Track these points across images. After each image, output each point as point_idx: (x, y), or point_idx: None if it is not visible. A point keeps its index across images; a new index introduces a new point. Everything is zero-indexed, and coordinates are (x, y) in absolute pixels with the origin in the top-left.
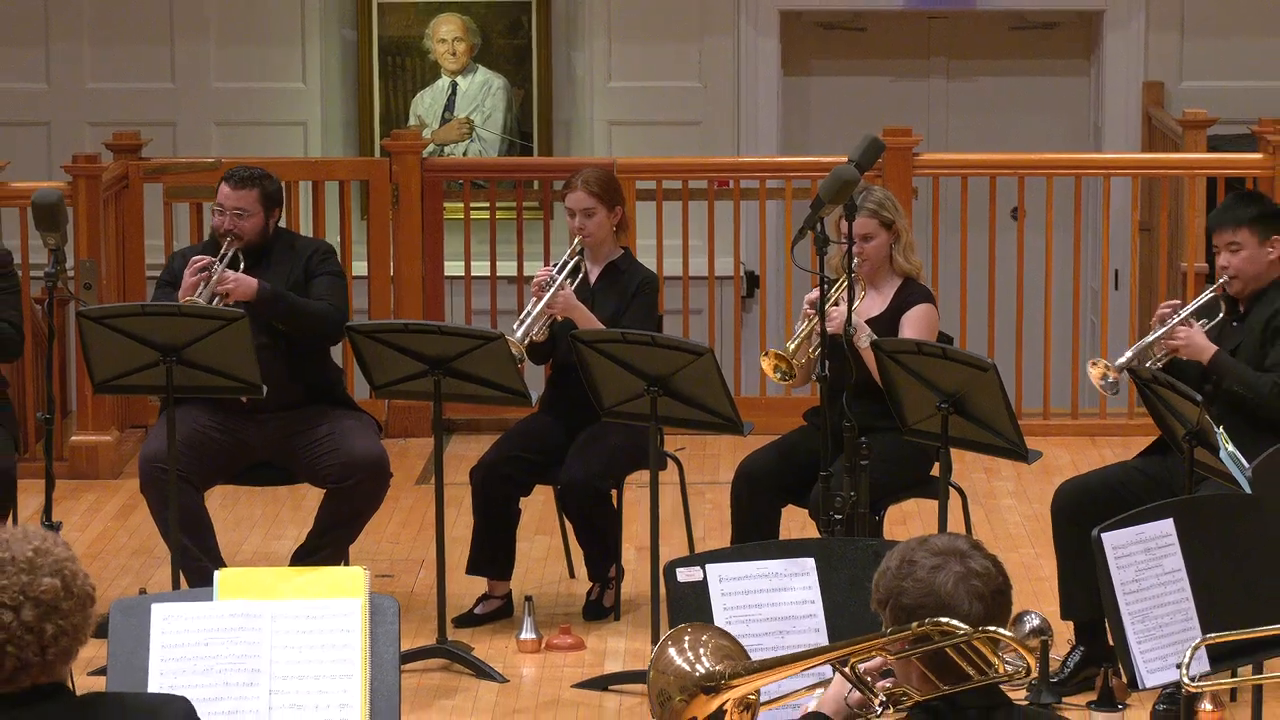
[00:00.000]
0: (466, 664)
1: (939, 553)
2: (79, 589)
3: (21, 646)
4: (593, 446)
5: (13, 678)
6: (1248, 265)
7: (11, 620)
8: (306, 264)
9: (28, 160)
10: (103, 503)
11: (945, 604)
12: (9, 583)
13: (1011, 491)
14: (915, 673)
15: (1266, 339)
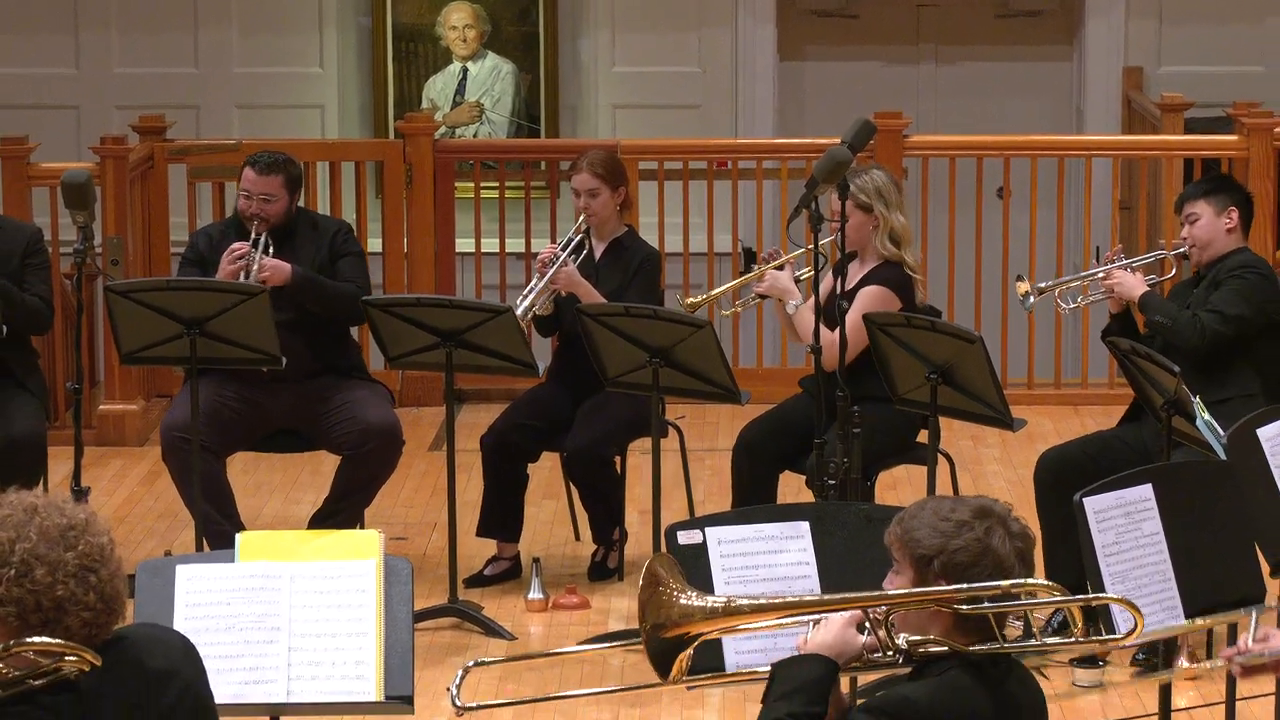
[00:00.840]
0: (476, 623)
1: (981, 515)
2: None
3: (108, 600)
4: (597, 415)
5: (99, 631)
6: (1204, 233)
7: (95, 580)
8: (331, 243)
9: (57, 142)
10: (129, 469)
11: (1000, 564)
12: (85, 546)
13: (997, 458)
14: (940, 626)
15: (1208, 291)
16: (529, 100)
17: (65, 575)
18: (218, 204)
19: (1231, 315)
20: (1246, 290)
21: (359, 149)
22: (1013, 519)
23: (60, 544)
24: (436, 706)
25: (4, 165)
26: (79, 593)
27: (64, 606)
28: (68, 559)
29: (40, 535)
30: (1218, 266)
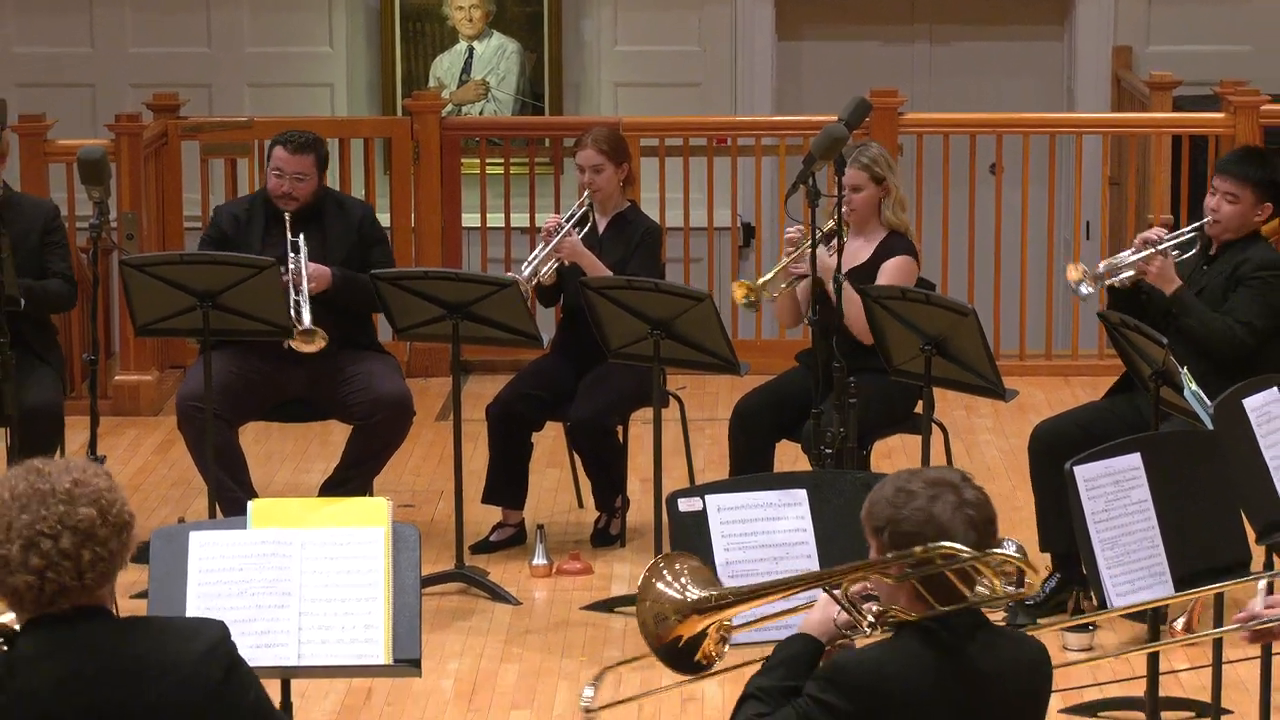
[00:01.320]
0: (482, 588)
1: (933, 483)
2: (115, 517)
3: (60, 572)
4: (600, 386)
5: (53, 600)
6: (1235, 219)
7: (50, 548)
8: (360, 228)
9: (73, 119)
10: (144, 438)
11: (943, 530)
12: (48, 513)
13: (990, 427)
14: (905, 595)
15: (1230, 285)
16: (533, 78)
17: (15, 536)
18: (230, 180)
19: (1260, 327)
20: (1272, 297)
21: (367, 126)
22: (969, 488)
23: (21, 508)
24: (443, 670)
25: (22, 142)
26: (20, 556)
27: (9, 566)
28: (21, 522)
29: (11, 495)
30: (1237, 257)
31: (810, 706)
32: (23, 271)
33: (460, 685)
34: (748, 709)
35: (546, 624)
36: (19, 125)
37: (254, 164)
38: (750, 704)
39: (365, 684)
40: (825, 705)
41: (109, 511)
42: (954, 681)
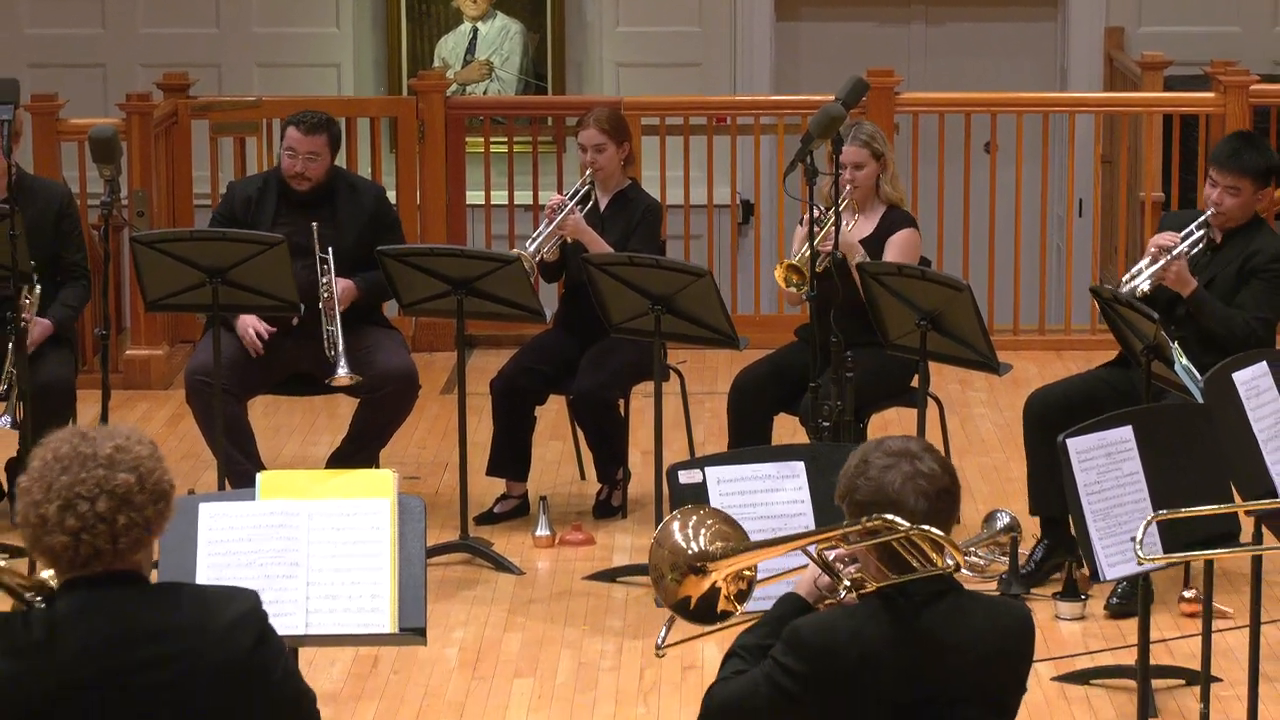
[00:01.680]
0: (486, 558)
1: (892, 454)
2: (153, 485)
3: (95, 535)
4: (602, 360)
5: (87, 563)
6: (1239, 210)
7: (87, 510)
8: (374, 212)
9: (85, 99)
10: (154, 411)
11: (893, 501)
12: (88, 476)
13: (984, 401)
14: (872, 563)
15: (1241, 279)
16: (536, 59)
17: (54, 497)
18: (239, 159)
19: (1275, 321)
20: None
21: (374, 105)
22: (926, 459)
23: (63, 469)
24: (448, 638)
25: (34, 121)
26: (57, 516)
27: (45, 526)
28: (61, 483)
29: (54, 456)
30: (1245, 245)
31: (772, 667)
32: (37, 256)
33: (465, 654)
34: (730, 665)
35: (549, 593)
36: (31, 105)
37: (262, 142)
38: (733, 660)
39: (372, 652)
40: (783, 667)
41: (147, 479)
42: (908, 646)
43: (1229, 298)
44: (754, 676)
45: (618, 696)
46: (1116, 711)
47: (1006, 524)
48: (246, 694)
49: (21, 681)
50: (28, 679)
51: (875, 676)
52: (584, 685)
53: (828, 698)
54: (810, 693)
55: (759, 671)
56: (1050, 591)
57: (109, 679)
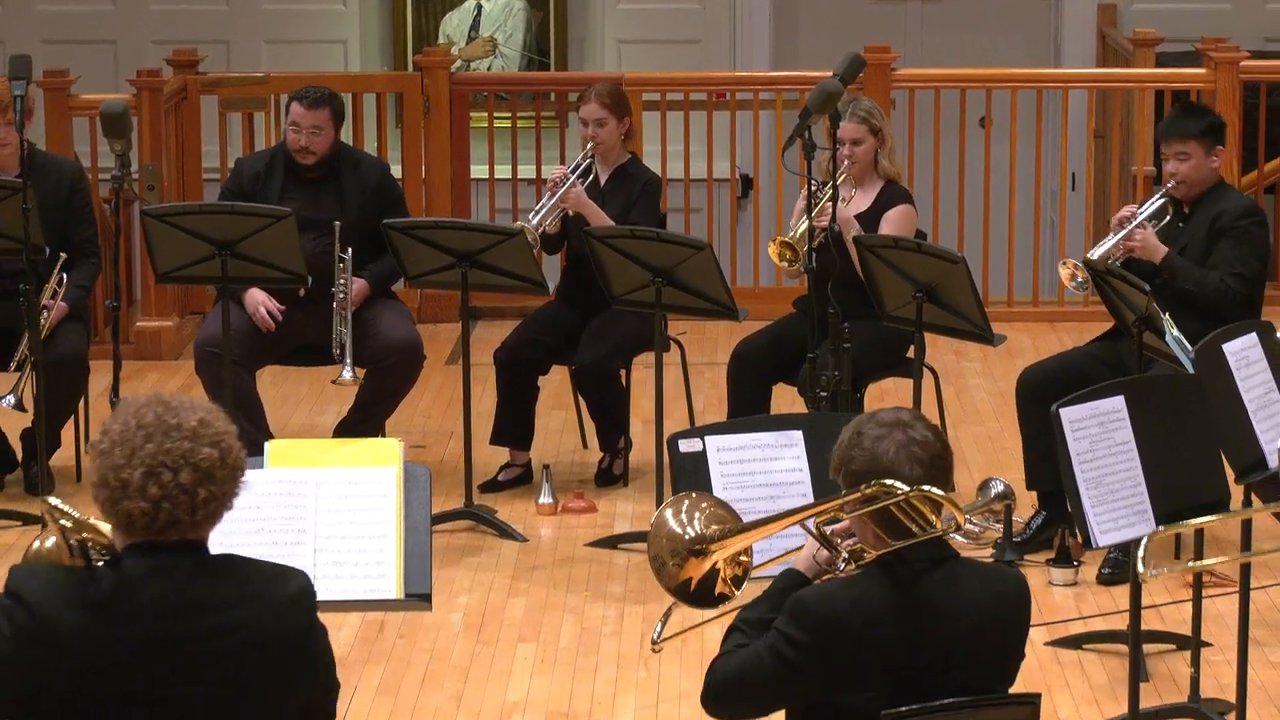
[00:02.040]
0: (491, 525)
1: (884, 424)
2: (233, 461)
3: (175, 504)
4: (604, 331)
5: (163, 530)
6: (1194, 173)
7: (170, 480)
8: (378, 188)
9: (96, 75)
10: (165, 381)
11: (888, 469)
12: (173, 446)
13: (978, 371)
14: (870, 532)
15: (1211, 239)
16: (539, 35)
17: (137, 463)
18: (247, 133)
19: (1250, 275)
20: (1254, 243)
21: (380, 81)
22: (918, 427)
23: (147, 437)
24: (453, 604)
25: (46, 97)
26: (140, 483)
27: (126, 491)
28: (146, 451)
29: (138, 423)
30: (1211, 207)
31: (777, 638)
32: (49, 231)
33: (469, 619)
34: (732, 639)
35: (552, 560)
36: (44, 81)
37: (270, 117)
38: (735, 635)
39: (378, 618)
40: (788, 637)
41: (228, 455)
42: (908, 613)
43: (1202, 261)
44: (757, 648)
45: (619, 661)
46: (1109, 675)
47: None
48: (293, 669)
49: (88, 635)
50: (95, 632)
51: (877, 644)
52: (586, 650)
53: (830, 666)
54: (813, 662)
55: (762, 643)
56: (1044, 558)
57: (168, 643)
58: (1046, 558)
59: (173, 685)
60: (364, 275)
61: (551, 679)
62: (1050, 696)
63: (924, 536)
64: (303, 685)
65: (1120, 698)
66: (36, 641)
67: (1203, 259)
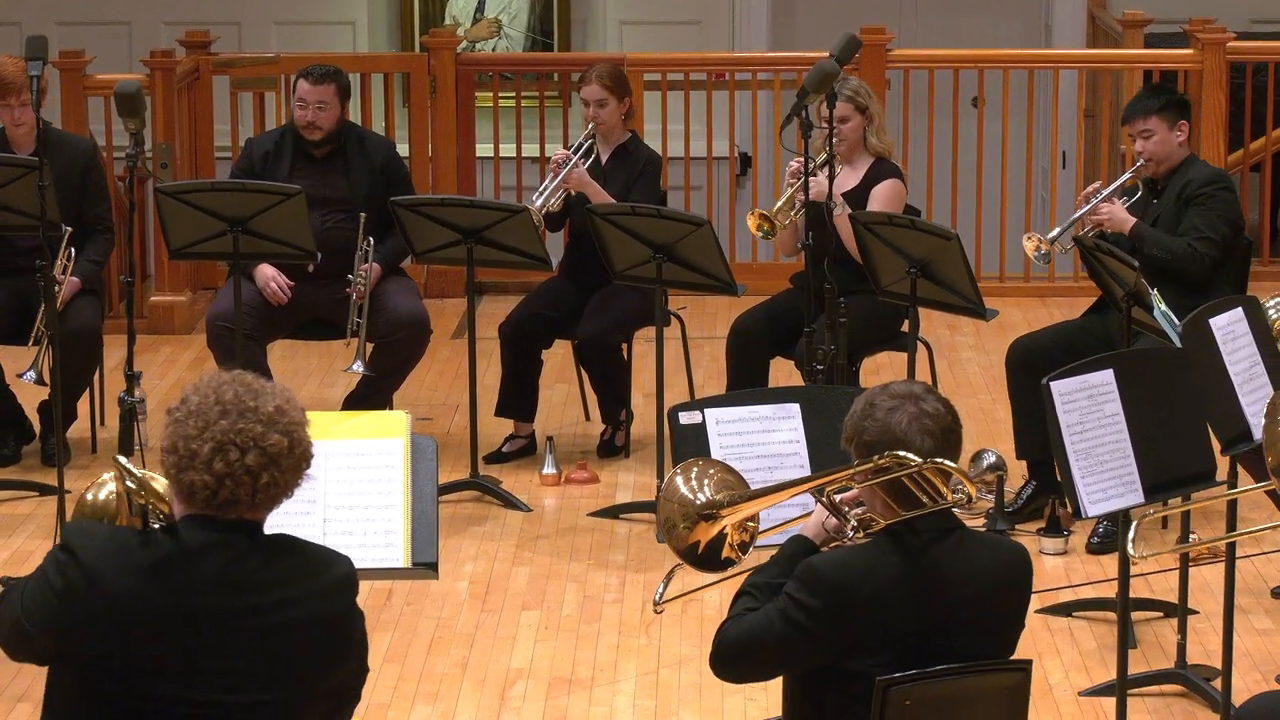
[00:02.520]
0: (496, 495)
1: (897, 396)
2: (301, 451)
3: (237, 484)
4: (606, 306)
5: (222, 507)
6: (1159, 148)
7: (236, 459)
8: (385, 168)
9: (111, 55)
10: (178, 355)
11: (900, 440)
12: (245, 427)
13: (971, 345)
14: (880, 501)
15: (1181, 207)
16: (543, 17)
17: (209, 437)
18: (258, 113)
19: (1219, 239)
20: (1222, 208)
21: (387, 62)
22: (931, 400)
23: (223, 413)
24: (458, 572)
25: (63, 77)
26: (208, 456)
27: (193, 462)
28: (219, 426)
29: (216, 399)
30: (1180, 180)
31: (787, 603)
32: (64, 208)
33: (475, 587)
34: (741, 603)
35: (555, 530)
36: (59, 61)
37: (280, 97)
38: (744, 599)
39: (386, 586)
40: (798, 602)
41: (297, 445)
42: (916, 581)
43: (1173, 231)
44: (767, 612)
45: (620, 628)
46: (1098, 642)
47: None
48: (334, 650)
49: (137, 598)
50: (144, 597)
51: (886, 609)
52: (588, 617)
53: (839, 631)
54: (823, 627)
55: (772, 607)
56: (1034, 528)
57: (217, 616)
58: (1037, 527)
59: (216, 658)
60: (376, 257)
61: (555, 646)
62: (1041, 663)
63: (934, 508)
64: (340, 666)
65: (1109, 664)
66: (86, 599)
67: (1174, 228)
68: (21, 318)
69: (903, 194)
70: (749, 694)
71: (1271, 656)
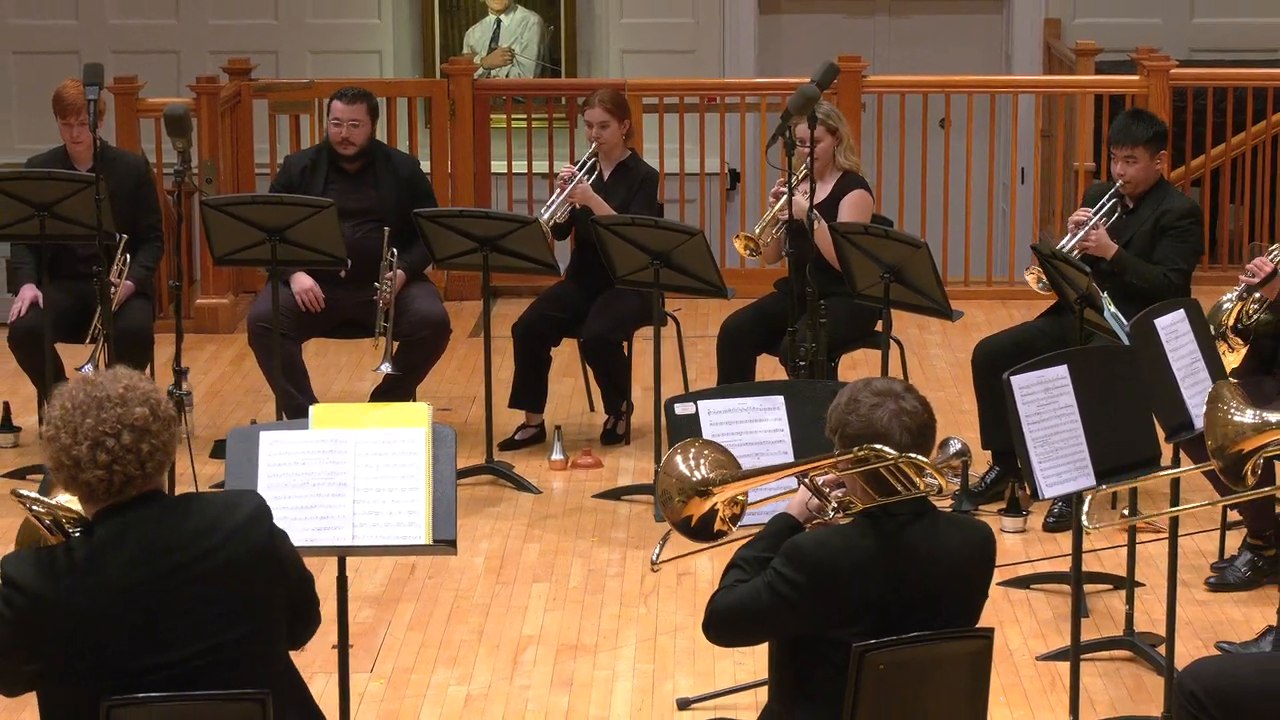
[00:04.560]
0: (509, 479)
1: (879, 393)
2: (164, 413)
3: (125, 464)
4: (608, 307)
5: (122, 489)
6: (1140, 174)
7: (114, 445)
8: (410, 182)
9: (161, 81)
10: (221, 352)
11: (881, 434)
12: (107, 415)
13: (939, 343)
14: (859, 487)
15: (1156, 234)
16: (551, 46)
17: (82, 438)
18: (294, 133)
19: (1189, 269)
20: (1194, 241)
21: (411, 87)
22: (909, 398)
23: (84, 414)
24: (475, 548)
25: (117, 100)
26: (89, 454)
27: (80, 465)
28: (86, 426)
29: (73, 405)
30: (1155, 202)
31: (774, 577)
32: (119, 219)
33: (490, 561)
34: (732, 575)
35: (563, 510)
36: (114, 86)
37: (314, 119)
38: (734, 571)
39: (409, 561)
40: (784, 577)
41: (158, 409)
42: (891, 558)
43: (1147, 253)
44: (755, 585)
45: (622, 598)
46: (1053, 612)
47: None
48: (267, 576)
49: (79, 597)
50: (84, 594)
51: (864, 584)
52: (593, 588)
53: (821, 603)
54: (806, 599)
55: (760, 580)
56: (996, 508)
57: (153, 583)
58: (999, 508)
59: (175, 616)
60: (401, 265)
61: (562, 614)
62: (1002, 630)
63: (907, 496)
64: (280, 586)
65: (1063, 631)
66: (37, 616)
67: (1147, 249)
68: (81, 317)
69: (869, 202)
70: (738, 658)
71: (1210, 625)
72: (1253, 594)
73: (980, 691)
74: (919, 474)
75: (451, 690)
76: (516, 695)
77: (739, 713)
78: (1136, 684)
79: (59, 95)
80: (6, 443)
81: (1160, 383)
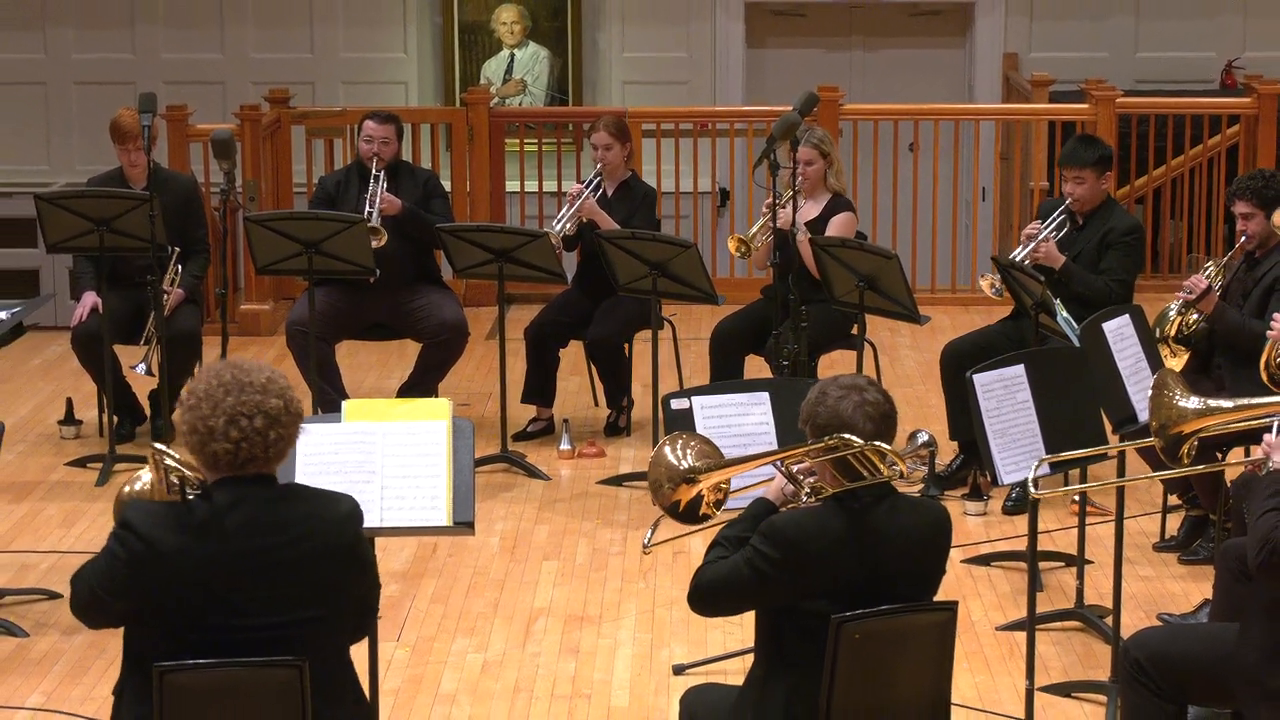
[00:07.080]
0: (521, 467)
1: (844, 387)
2: (294, 408)
3: (252, 444)
4: (611, 313)
5: (243, 466)
6: (1088, 193)
7: (247, 425)
8: (425, 186)
9: (208, 109)
10: (263, 353)
11: (846, 424)
12: (247, 398)
13: (909, 345)
14: (828, 474)
15: (1102, 249)
16: (560, 77)
17: (220, 413)
18: (328, 155)
19: (1130, 281)
20: (1137, 255)
21: (433, 115)
22: (871, 390)
23: (226, 392)
24: (491, 529)
25: (169, 126)
26: (224, 428)
27: (212, 435)
28: (227, 403)
29: (218, 383)
30: (1103, 219)
31: (752, 554)
32: (171, 233)
33: (504, 541)
34: (714, 552)
35: (570, 495)
36: (166, 113)
37: (346, 143)
38: (717, 549)
39: (431, 541)
40: (762, 554)
41: (290, 404)
42: (858, 537)
43: (1094, 265)
44: (736, 561)
45: (623, 575)
46: (1011, 586)
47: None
48: (349, 571)
49: (188, 553)
50: (193, 551)
51: (833, 560)
52: (597, 566)
53: (795, 578)
54: (782, 574)
55: (740, 557)
56: (960, 493)
57: (255, 555)
58: (962, 493)
59: (260, 587)
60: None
61: (569, 589)
62: (965, 603)
63: (872, 481)
64: (355, 583)
65: (1020, 604)
66: (148, 562)
67: (1094, 261)
68: (136, 322)
69: (854, 223)
70: (728, 629)
71: (1153, 598)
72: (1190, 570)
73: (946, 658)
74: (882, 460)
75: (470, 657)
76: (528, 661)
77: (728, 677)
78: (1086, 651)
79: (116, 122)
80: (69, 434)
81: (1108, 381)
